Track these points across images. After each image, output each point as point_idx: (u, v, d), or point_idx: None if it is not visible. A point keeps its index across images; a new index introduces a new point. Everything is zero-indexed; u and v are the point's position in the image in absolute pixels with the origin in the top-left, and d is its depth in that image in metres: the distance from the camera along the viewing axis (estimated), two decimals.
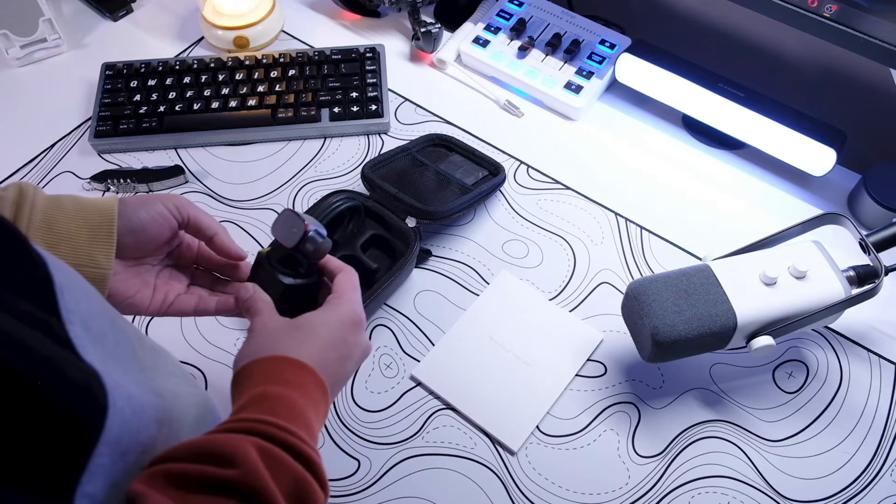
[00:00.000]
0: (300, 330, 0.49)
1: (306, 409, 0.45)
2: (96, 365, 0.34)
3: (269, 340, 0.49)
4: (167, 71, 0.91)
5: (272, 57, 0.92)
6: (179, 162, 0.87)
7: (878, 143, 0.94)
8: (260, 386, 0.45)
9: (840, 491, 0.64)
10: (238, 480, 0.38)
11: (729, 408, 0.69)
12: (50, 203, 0.50)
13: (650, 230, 0.81)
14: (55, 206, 0.50)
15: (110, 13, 1.02)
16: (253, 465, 0.39)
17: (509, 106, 0.92)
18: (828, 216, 0.68)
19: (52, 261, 0.35)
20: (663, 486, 0.65)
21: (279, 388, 0.45)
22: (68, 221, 0.50)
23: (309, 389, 0.46)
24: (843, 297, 0.63)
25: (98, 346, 0.36)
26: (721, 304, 0.61)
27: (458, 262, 0.79)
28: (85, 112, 0.92)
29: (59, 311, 0.34)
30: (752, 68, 0.99)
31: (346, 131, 0.89)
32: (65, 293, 0.34)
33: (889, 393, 0.70)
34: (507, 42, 0.94)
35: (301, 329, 0.50)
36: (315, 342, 0.49)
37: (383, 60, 0.94)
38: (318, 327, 0.50)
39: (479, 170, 0.81)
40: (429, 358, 0.71)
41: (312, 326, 0.50)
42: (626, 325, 0.67)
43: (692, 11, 1.00)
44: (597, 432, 0.68)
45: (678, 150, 0.88)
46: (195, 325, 0.74)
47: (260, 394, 0.45)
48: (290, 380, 0.46)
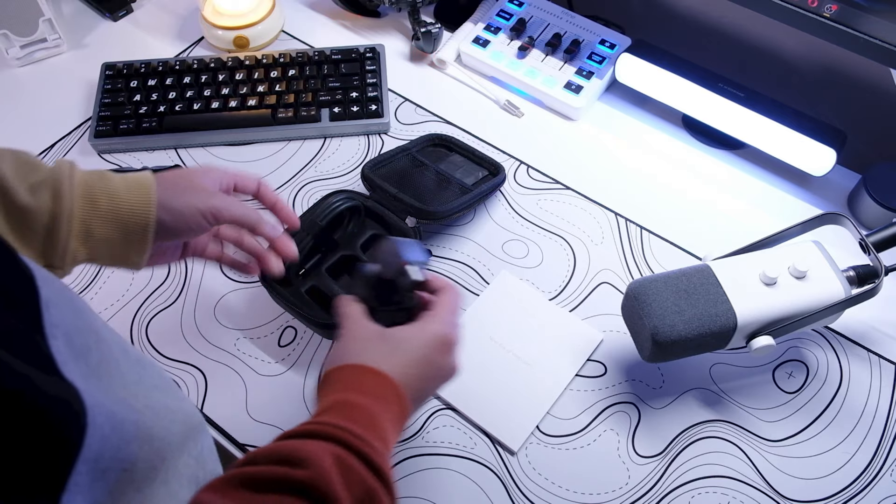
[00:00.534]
0: (387, 343, 0.51)
1: (384, 422, 0.46)
2: (76, 381, 0.33)
3: (357, 348, 0.51)
4: (167, 71, 0.91)
5: (272, 57, 0.92)
6: (179, 162, 0.87)
7: (878, 143, 0.94)
8: (342, 392, 0.47)
9: (840, 491, 0.64)
10: (308, 482, 0.39)
11: (729, 408, 0.69)
12: (86, 205, 0.51)
13: (650, 230, 0.81)
14: (92, 208, 0.51)
15: (110, 13, 1.02)
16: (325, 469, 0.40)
17: (509, 106, 0.92)
18: (828, 216, 0.68)
19: (41, 274, 0.35)
20: (663, 486, 0.65)
21: (361, 397, 0.47)
22: (104, 226, 0.52)
23: (389, 402, 0.48)
24: (843, 297, 0.63)
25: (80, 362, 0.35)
26: (721, 304, 0.61)
27: (458, 262, 0.79)
28: (85, 112, 0.92)
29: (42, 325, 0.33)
30: (752, 68, 0.99)
31: (346, 131, 0.89)
32: (50, 308, 0.34)
33: (889, 393, 0.70)
34: (507, 42, 0.94)
35: (388, 342, 0.51)
36: (400, 357, 0.50)
37: (383, 60, 0.94)
38: (404, 342, 0.51)
39: (479, 170, 0.81)
40: None
41: (399, 341, 0.51)
42: (626, 325, 0.67)
43: (692, 11, 1.00)
44: (597, 432, 0.68)
45: (678, 150, 0.88)
46: (195, 325, 0.74)
47: (342, 400, 0.46)
48: (372, 391, 0.47)
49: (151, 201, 0.53)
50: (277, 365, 0.72)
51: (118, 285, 0.77)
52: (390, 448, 0.47)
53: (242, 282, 0.77)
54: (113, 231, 0.52)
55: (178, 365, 0.72)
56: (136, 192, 0.53)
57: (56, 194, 0.50)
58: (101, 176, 0.53)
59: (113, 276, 0.78)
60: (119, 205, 0.52)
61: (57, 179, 0.50)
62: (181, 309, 0.75)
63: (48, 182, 0.50)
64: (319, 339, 0.73)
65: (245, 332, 0.74)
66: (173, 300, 0.76)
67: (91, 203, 0.51)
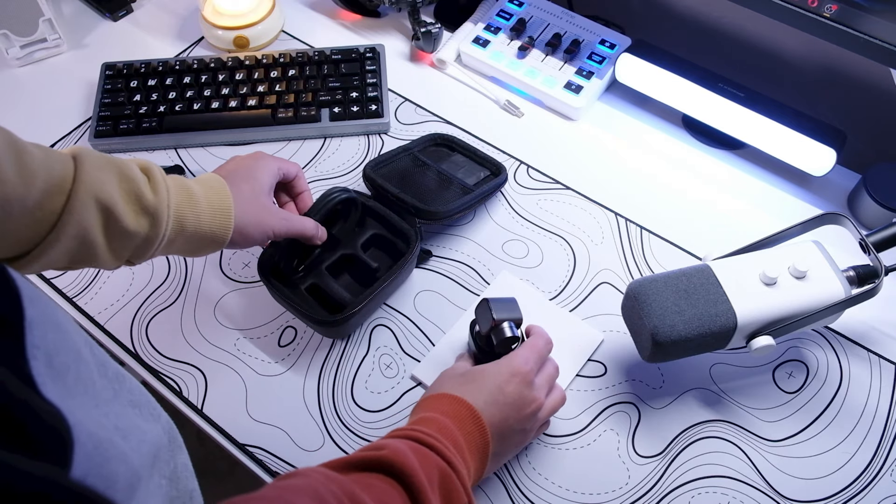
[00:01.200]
0: (466, 377, 0.60)
1: (455, 432, 0.54)
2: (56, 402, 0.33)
3: (445, 383, 0.60)
4: (167, 71, 0.91)
5: (272, 57, 0.92)
6: (179, 162, 0.87)
7: (878, 143, 0.94)
8: (422, 412, 0.56)
9: (840, 491, 0.64)
10: (386, 458, 0.47)
11: (729, 408, 0.69)
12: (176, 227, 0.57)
13: (650, 230, 0.81)
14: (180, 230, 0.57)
15: (110, 13, 1.02)
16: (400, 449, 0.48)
17: (509, 106, 0.92)
18: (828, 216, 0.68)
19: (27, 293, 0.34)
20: (663, 486, 0.65)
21: (436, 413, 0.55)
22: (185, 243, 0.59)
23: (462, 419, 0.55)
24: (843, 297, 0.63)
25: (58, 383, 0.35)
26: (721, 304, 0.61)
27: (458, 262, 0.79)
28: (85, 112, 0.92)
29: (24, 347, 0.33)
30: (752, 68, 0.99)
31: (346, 131, 0.89)
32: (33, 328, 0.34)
33: (889, 393, 0.70)
34: (507, 42, 0.94)
35: (467, 376, 0.60)
36: (474, 386, 0.58)
37: (383, 60, 0.94)
38: (479, 373, 0.59)
39: (480, 170, 0.81)
40: (429, 358, 0.71)
41: (476, 373, 0.60)
42: (626, 325, 0.67)
43: (692, 11, 1.00)
44: (597, 432, 0.68)
45: (678, 150, 0.88)
46: (195, 325, 0.74)
47: (421, 417, 0.55)
48: (447, 410, 0.56)
49: (230, 227, 0.60)
50: (277, 365, 0.72)
51: (118, 285, 0.77)
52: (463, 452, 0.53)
53: (242, 282, 0.77)
54: (191, 246, 0.59)
55: (178, 365, 0.72)
56: (220, 216, 0.60)
57: (155, 222, 0.55)
58: (189, 196, 0.58)
59: (113, 276, 0.78)
60: (202, 228, 0.59)
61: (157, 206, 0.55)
62: (181, 309, 0.75)
63: (150, 209, 0.55)
64: (319, 339, 0.73)
65: (245, 332, 0.74)
66: (173, 300, 0.76)
67: (180, 225, 0.57)
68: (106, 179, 0.53)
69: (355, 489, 0.43)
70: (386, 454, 0.47)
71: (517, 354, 0.60)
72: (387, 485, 0.46)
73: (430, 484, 0.47)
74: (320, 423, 0.68)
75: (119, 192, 0.53)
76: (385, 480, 0.46)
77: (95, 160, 0.53)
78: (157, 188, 0.56)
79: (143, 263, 0.78)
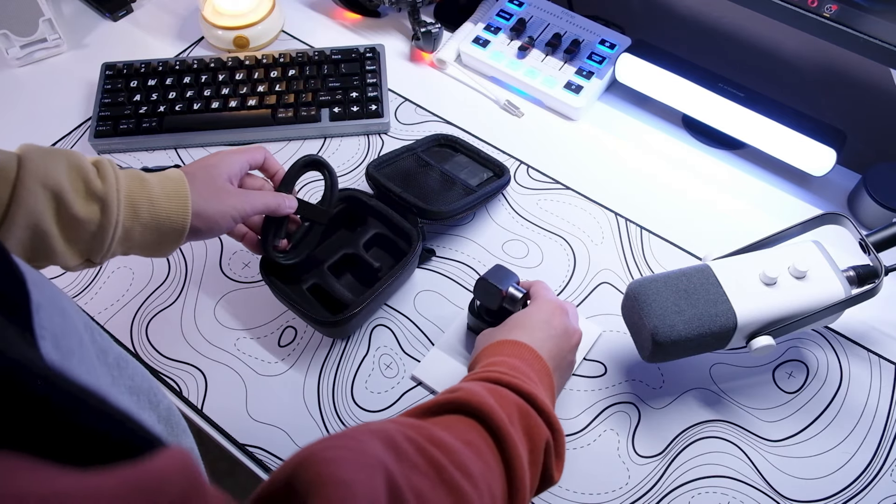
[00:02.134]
0: (509, 325, 0.62)
1: (525, 368, 0.55)
2: None
3: (495, 334, 0.61)
4: (167, 71, 0.91)
5: (272, 57, 0.92)
6: (179, 162, 0.87)
7: (878, 143, 0.94)
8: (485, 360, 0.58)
9: (840, 491, 0.64)
10: (462, 399, 0.48)
11: (729, 408, 0.69)
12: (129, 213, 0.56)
13: (650, 230, 0.81)
14: (134, 217, 0.56)
15: (110, 13, 1.02)
16: (476, 389, 0.49)
17: (509, 106, 0.92)
18: (828, 216, 0.68)
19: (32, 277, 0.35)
20: (663, 486, 0.65)
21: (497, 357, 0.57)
22: (144, 232, 0.57)
23: (526, 358, 0.57)
24: (843, 297, 0.63)
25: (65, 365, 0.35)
26: (721, 304, 0.61)
27: (458, 263, 0.79)
28: (85, 112, 0.92)
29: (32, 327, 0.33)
30: (752, 68, 0.99)
31: (346, 131, 0.89)
32: (40, 311, 0.34)
33: (889, 393, 0.70)
34: (507, 42, 0.94)
35: (509, 324, 0.62)
36: (522, 330, 0.60)
37: (383, 60, 0.94)
38: (522, 317, 0.62)
39: (483, 171, 0.81)
40: (429, 358, 0.71)
41: (518, 319, 0.62)
42: (626, 325, 0.67)
43: (692, 11, 1.00)
44: (597, 432, 0.68)
45: (678, 150, 0.88)
46: (195, 325, 0.74)
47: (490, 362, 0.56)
48: (510, 352, 0.57)
49: (187, 210, 0.58)
50: (277, 365, 0.72)
51: (118, 285, 0.77)
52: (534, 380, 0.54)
53: (243, 282, 0.77)
54: (150, 235, 0.57)
55: (178, 365, 0.72)
56: (175, 199, 0.58)
57: (105, 207, 0.54)
58: (141, 182, 0.57)
59: (113, 276, 0.78)
60: (158, 213, 0.57)
61: (106, 192, 0.54)
62: (181, 309, 0.75)
63: (98, 193, 0.54)
64: (320, 340, 0.73)
65: (245, 331, 0.74)
66: (173, 300, 0.76)
67: (133, 211, 0.56)
68: (52, 167, 0.52)
69: (434, 431, 0.44)
70: (462, 395, 0.48)
71: (542, 296, 0.64)
72: (466, 425, 0.47)
73: (510, 421, 0.48)
74: (320, 423, 0.68)
75: (67, 179, 0.53)
76: (464, 421, 0.47)
77: (41, 150, 0.53)
78: (105, 175, 0.55)
79: (143, 263, 0.78)
